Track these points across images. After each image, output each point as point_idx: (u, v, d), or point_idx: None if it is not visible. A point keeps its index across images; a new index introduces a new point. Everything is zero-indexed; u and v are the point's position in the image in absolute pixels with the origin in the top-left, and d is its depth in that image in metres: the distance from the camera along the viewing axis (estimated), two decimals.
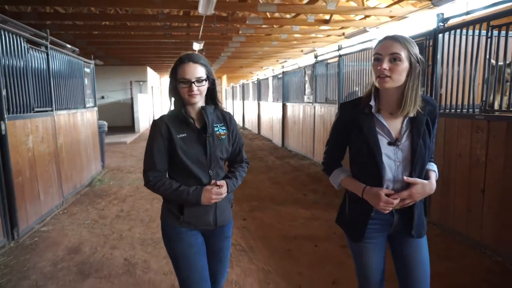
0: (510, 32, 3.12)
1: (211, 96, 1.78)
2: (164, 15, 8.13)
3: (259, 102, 13.91)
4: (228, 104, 22.91)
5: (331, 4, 7.57)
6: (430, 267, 1.65)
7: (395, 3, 7.72)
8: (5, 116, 3.55)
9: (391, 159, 1.52)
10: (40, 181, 4.33)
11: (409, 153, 1.51)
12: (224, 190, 1.71)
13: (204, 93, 1.71)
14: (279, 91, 10.77)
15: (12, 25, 3.94)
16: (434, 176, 1.58)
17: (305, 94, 8.54)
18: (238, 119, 19.15)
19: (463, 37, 3.57)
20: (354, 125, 1.56)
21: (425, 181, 1.51)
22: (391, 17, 8.19)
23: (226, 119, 1.82)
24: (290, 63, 16.77)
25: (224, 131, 1.77)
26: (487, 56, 3.31)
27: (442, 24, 3.83)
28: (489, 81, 3.32)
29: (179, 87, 1.66)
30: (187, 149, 1.67)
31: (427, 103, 1.53)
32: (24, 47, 4.07)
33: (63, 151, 5.16)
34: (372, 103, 1.52)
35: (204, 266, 1.75)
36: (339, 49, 6.48)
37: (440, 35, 3.84)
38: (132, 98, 17.19)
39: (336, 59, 6.74)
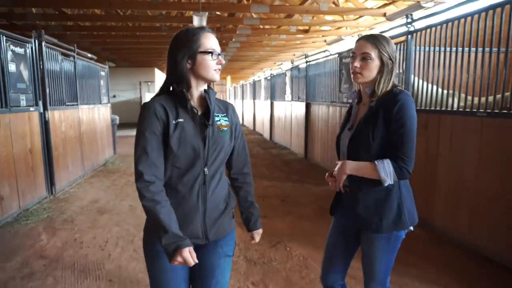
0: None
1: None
2: (167, 26, 9.66)
3: (254, 101, 15.38)
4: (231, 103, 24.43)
5: (306, 17, 9.02)
6: (389, 267, 1.68)
7: (359, 17, 9.10)
8: (48, 107, 5.10)
9: (344, 142, 1.70)
10: (69, 156, 5.89)
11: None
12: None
13: None
14: (268, 91, 12.24)
15: (49, 41, 5.48)
16: (365, 164, 1.55)
17: (285, 94, 9.98)
18: (239, 117, 20.65)
19: None
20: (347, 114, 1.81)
21: (346, 161, 1.60)
22: (369, 28, 9.56)
23: (229, 109, 1.54)
24: (286, 65, 18.21)
25: (227, 122, 1.48)
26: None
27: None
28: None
29: (201, 61, 1.37)
30: (183, 138, 1.35)
31: (390, 99, 1.53)
32: (60, 58, 5.63)
33: (84, 137, 6.71)
34: (354, 95, 1.75)
35: None
36: (306, 57, 7.91)
37: None
38: (141, 97, 18.86)
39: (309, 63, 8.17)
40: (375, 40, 1.55)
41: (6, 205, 4.08)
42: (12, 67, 4.27)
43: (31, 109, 4.74)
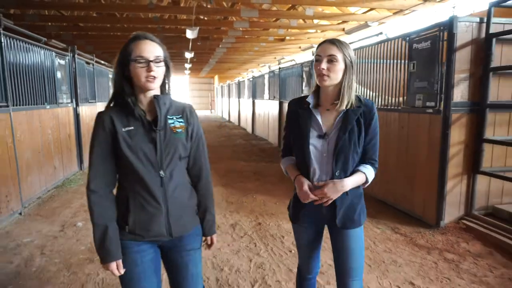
0: None
1: (163, 84, 1.51)
2: (163, 35, 11.34)
3: (239, 99, 17.14)
4: (218, 101, 26.09)
5: (281, 30, 10.85)
6: (364, 256, 1.77)
7: (323, 31, 10.97)
8: (79, 103, 6.77)
9: (318, 150, 1.65)
10: None
11: (333, 146, 1.63)
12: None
13: (162, 78, 1.45)
14: (250, 90, 14.02)
15: (79, 54, 7.12)
16: (358, 176, 1.66)
17: (264, 93, 11.79)
18: (225, 114, 22.38)
19: None
20: (294, 118, 1.74)
21: (336, 180, 1.62)
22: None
23: (186, 111, 1.55)
24: (266, 67, 20.02)
25: (181, 123, 1.51)
26: None
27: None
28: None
29: (132, 69, 1.39)
30: (133, 145, 1.42)
31: (363, 105, 1.65)
32: (85, 66, 7.30)
33: None
34: (309, 99, 1.68)
35: (152, 287, 1.55)
36: (279, 64, 9.72)
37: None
38: None
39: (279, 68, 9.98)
40: (340, 43, 1.60)
41: (57, 173, 5.76)
42: (58, 74, 5.94)
43: (69, 104, 6.41)
